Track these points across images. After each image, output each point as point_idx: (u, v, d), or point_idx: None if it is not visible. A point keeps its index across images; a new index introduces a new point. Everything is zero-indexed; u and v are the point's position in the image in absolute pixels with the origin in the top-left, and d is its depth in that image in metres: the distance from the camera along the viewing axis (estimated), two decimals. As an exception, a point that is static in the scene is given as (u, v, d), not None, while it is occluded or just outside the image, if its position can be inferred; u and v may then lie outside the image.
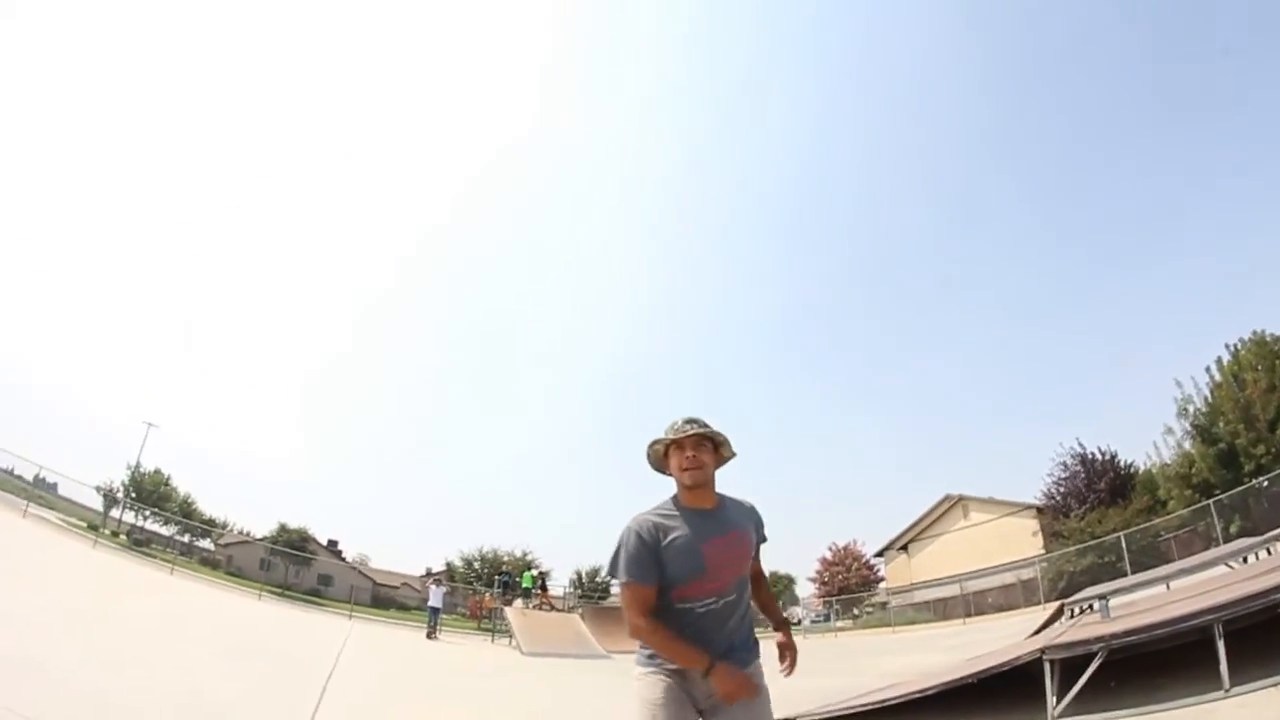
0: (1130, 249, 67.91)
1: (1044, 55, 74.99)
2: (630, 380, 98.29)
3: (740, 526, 2.36)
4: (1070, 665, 5.48)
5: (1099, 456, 29.59)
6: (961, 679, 5.54)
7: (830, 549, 41.78)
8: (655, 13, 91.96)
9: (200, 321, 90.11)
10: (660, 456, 2.46)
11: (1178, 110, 64.54)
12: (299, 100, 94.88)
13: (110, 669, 6.53)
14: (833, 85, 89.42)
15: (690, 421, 2.36)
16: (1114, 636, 5.21)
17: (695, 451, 2.32)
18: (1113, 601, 7.59)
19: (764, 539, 2.54)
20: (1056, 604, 14.40)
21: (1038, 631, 9.61)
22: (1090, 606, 9.34)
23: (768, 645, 2.49)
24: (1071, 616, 9.29)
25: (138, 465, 38.81)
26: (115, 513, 32.30)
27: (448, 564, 45.09)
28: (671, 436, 2.36)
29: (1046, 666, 5.40)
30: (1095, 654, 5.20)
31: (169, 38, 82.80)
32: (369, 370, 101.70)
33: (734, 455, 2.47)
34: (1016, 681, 5.88)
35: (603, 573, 37.80)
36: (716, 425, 2.40)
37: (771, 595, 2.66)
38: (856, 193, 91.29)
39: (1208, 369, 24.65)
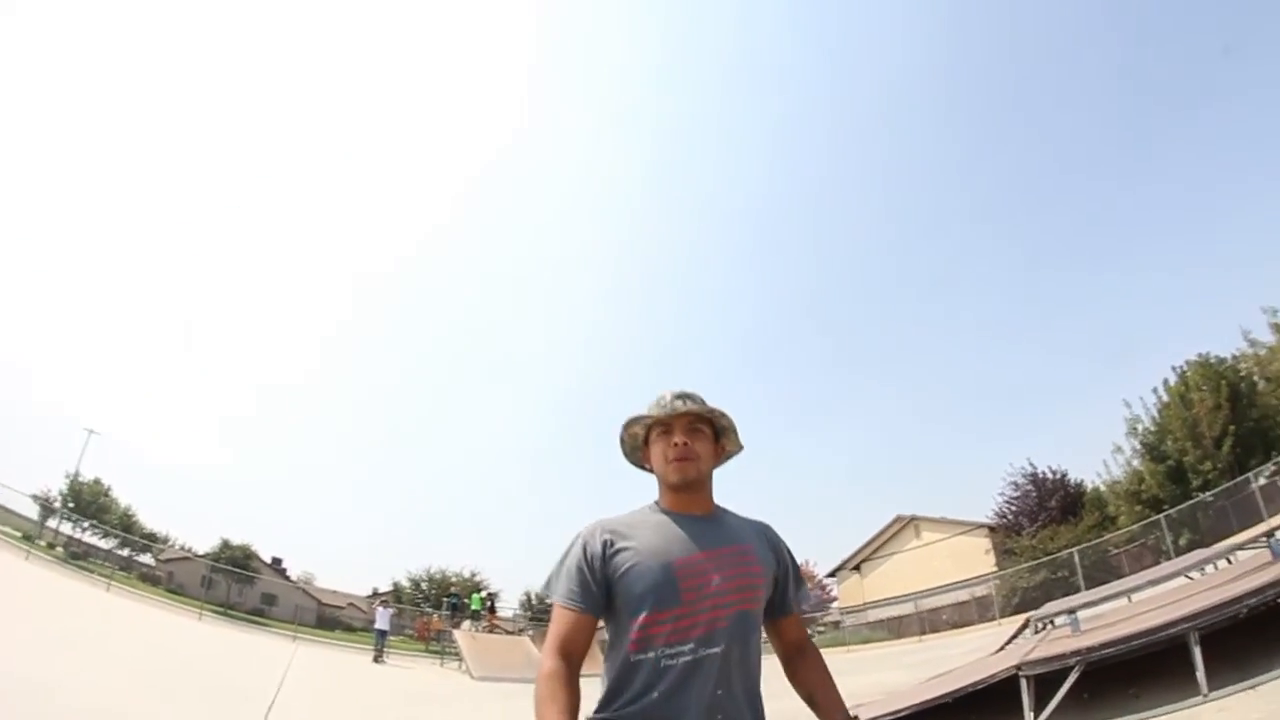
0: (1081, 271, 69.46)
1: (1012, 65, 76.91)
2: (584, 397, 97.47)
3: (742, 541, 1.63)
4: (1044, 680, 5.36)
5: (1050, 476, 30.20)
6: (939, 698, 5.35)
7: (783, 569, 41.66)
8: (628, 34, 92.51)
9: (149, 325, 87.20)
10: (638, 443, 1.80)
11: (1143, 127, 66.54)
12: (281, 100, 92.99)
13: (29, 695, 6.01)
14: (799, 94, 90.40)
15: (682, 397, 1.71)
16: (1091, 650, 5.11)
17: (687, 438, 1.66)
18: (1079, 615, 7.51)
19: (796, 577, 1.76)
20: (1014, 619, 14.48)
21: (1003, 647, 9.52)
22: (1051, 622, 9.31)
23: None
24: (1036, 631, 9.22)
25: (77, 474, 37.14)
26: (52, 523, 30.70)
27: (395, 584, 43.98)
28: (655, 414, 1.70)
29: (1023, 682, 5.26)
30: (1072, 668, 5.08)
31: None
32: (318, 385, 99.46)
33: (739, 449, 1.82)
34: (987, 698, 5.73)
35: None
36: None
37: (829, 678, 1.69)
38: (815, 213, 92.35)
39: (1155, 390, 25.57)
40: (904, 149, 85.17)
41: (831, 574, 40.28)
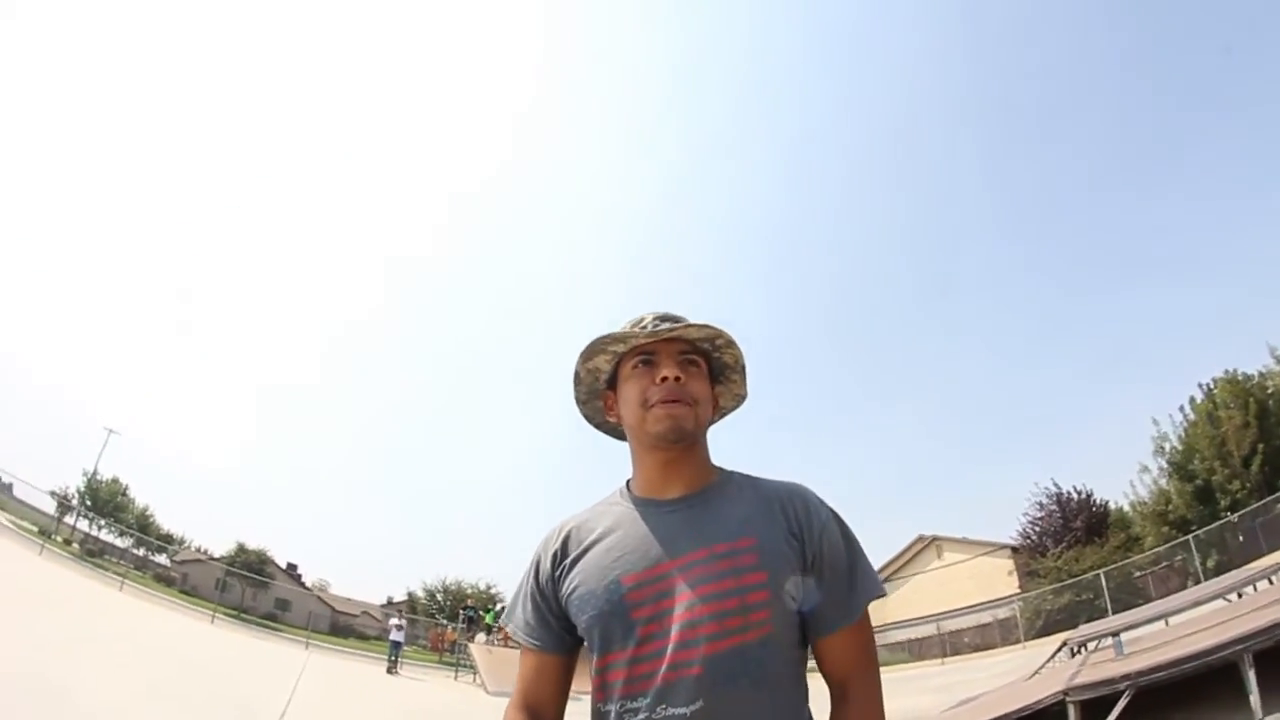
0: (1106, 286, 68.28)
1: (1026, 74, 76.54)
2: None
3: (736, 535, 1.06)
4: (1089, 705, 5.15)
5: (1074, 496, 29.60)
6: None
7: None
8: (644, 50, 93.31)
9: (174, 326, 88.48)
10: (599, 385, 1.26)
11: (1174, 139, 65.80)
12: (296, 103, 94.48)
13: (45, 695, 5.91)
14: (816, 110, 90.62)
15: (666, 318, 1.18)
16: (1140, 674, 4.90)
17: (679, 372, 1.13)
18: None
19: (850, 569, 1.09)
20: (1039, 642, 14.15)
21: (1038, 671, 9.25)
22: (1084, 646, 9.05)
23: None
24: (1073, 654, 8.95)
25: (95, 472, 37.30)
26: (69, 519, 30.83)
27: (409, 594, 43.87)
28: (633, 337, 1.17)
29: (1070, 708, 5.05)
30: (1122, 692, 4.86)
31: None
32: (337, 389, 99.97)
33: (738, 403, 1.29)
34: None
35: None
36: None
37: None
38: (831, 232, 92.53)
39: (1182, 408, 25.03)
40: (927, 167, 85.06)
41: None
